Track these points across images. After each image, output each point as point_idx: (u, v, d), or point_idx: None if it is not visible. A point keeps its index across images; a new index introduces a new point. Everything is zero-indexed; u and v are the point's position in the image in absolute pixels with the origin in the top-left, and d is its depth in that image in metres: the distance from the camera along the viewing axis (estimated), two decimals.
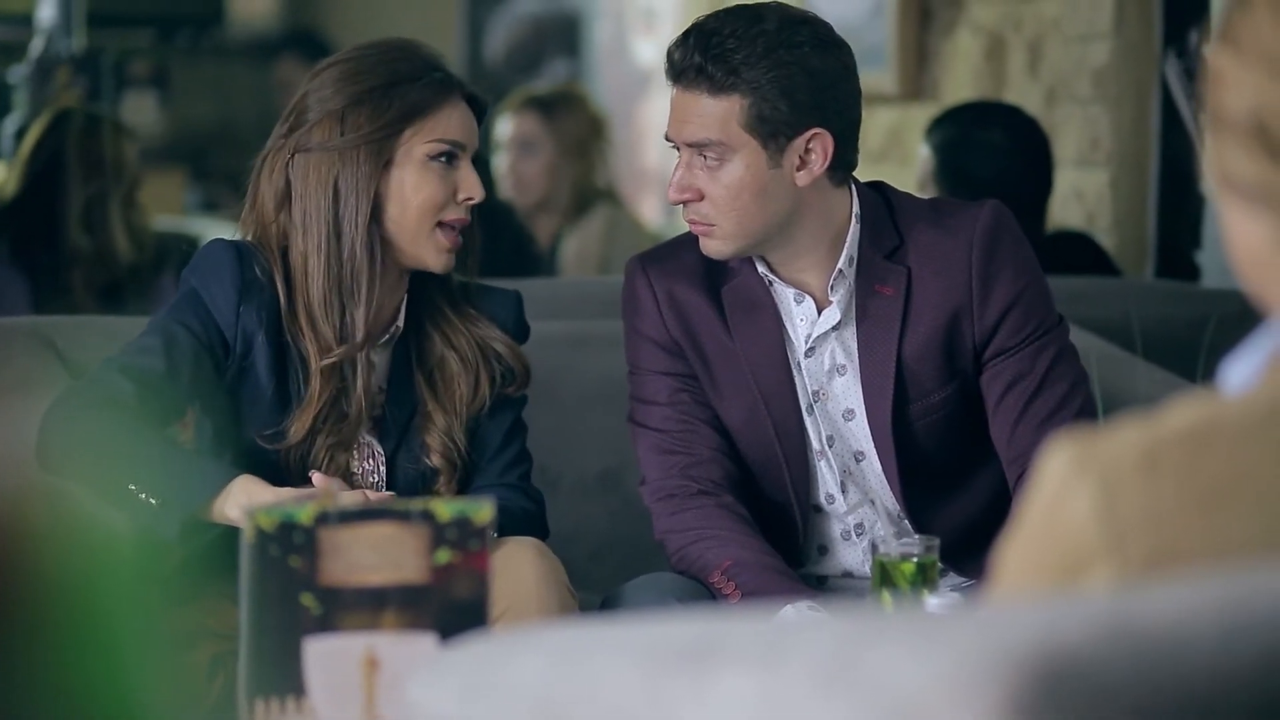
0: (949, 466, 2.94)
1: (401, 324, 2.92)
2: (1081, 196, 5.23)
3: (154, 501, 2.66)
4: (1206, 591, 1.31)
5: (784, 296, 2.92)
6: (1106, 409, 2.94)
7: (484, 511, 2.13)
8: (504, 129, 5.70)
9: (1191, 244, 5.00)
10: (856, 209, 2.90)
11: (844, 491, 2.96)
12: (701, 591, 2.86)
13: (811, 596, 2.77)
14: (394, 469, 2.91)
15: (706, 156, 2.81)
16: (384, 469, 2.91)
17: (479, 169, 2.91)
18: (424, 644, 2.12)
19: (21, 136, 5.41)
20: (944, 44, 5.80)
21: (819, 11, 3.21)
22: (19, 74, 6.65)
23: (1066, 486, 1.38)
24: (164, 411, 2.78)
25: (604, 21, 8.67)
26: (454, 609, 2.12)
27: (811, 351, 2.92)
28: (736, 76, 2.77)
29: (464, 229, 2.89)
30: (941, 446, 2.92)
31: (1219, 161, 1.48)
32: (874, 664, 1.27)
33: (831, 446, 2.94)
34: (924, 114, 5.15)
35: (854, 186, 2.91)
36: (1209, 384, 1.61)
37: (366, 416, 2.88)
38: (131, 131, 5.46)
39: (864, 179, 2.95)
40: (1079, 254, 4.51)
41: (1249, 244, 1.48)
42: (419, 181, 2.84)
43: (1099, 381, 2.97)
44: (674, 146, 2.86)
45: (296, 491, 2.65)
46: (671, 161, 2.88)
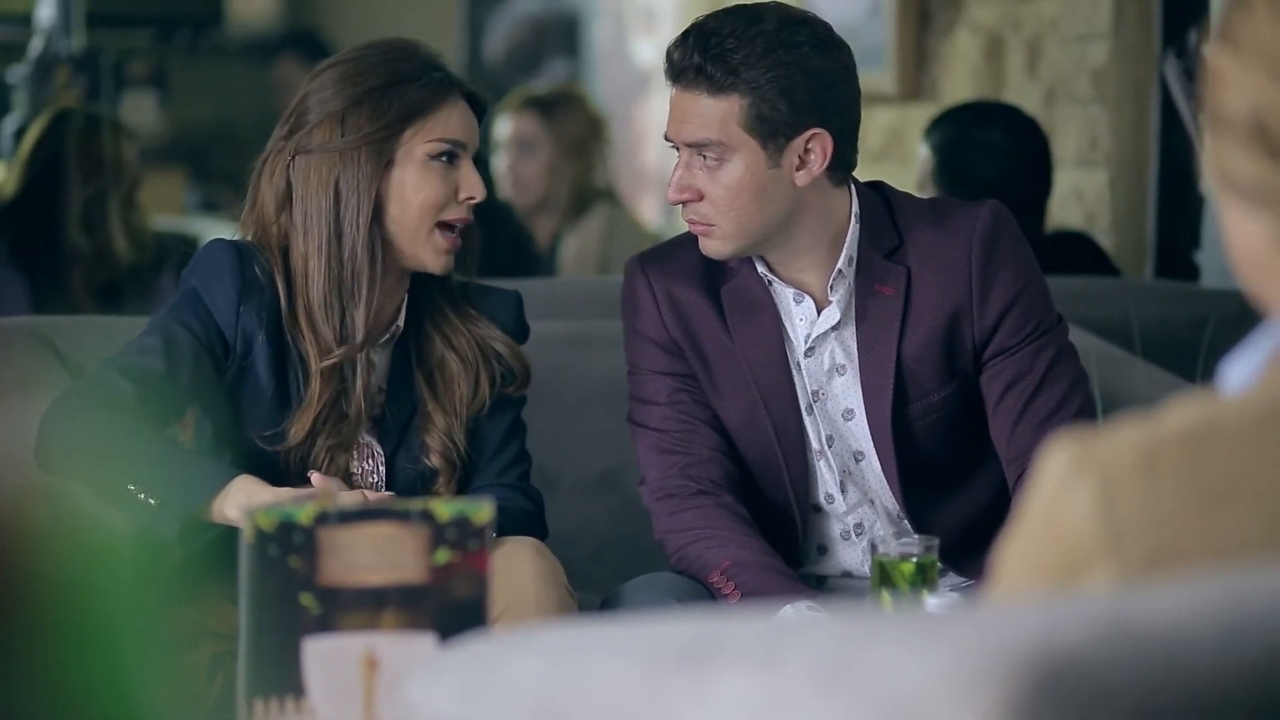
0: (948, 466, 2.94)
1: (402, 324, 2.92)
2: (1081, 196, 5.23)
3: (153, 501, 2.66)
4: (1206, 591, 1.31)
5: (783, 296, 2.92)
6: (1106, 409, 2.94)
7: (483, 511, 2.13)
8: (503, 129, 5.70)
9: (1191, 244, 5.00)
10: (856, 209, 2.90)
11: (843, 491, 2.96)
12: (701, 591, 2.86)
13: (811, 596, 2.77)
14: (393, 469, 2.91)
15: (706, 156, 2.81)
16: (383, 469, 2.90)
17: (478, 169, 2.91)
18: (423, 644, 2.12)
19: (21, 136, 5.41)
20: (943, 44, 5.80)
21: (818, 11, 3.21)
22: (18, 74, 6.65)
23: (1066, 486, 1.38)
24: (163, 412, 2.77)
25: (603, 21, 8.67)
26: (453, 609, 2.12)
27: (811, 351, 2.92)
28: (736, 76, 2.77)
29: (464, 229, 2.89)
30: (941, 446, 2.92)
31: (1218, 161, 1.48)
32: (873, 664, 1.27)
33: (831, 446, 2.94)
34: (923, 114, 5.15)
35: (853, 186, 2.91)
36: (1208, 384, 1.61)
37: (366, 417, 2.88)
38: (131, 131, 5.46)
39: (863, 179, 2.94)
40: (1078, 254, 4.51)
41: (1248, 244, 1.48)
42: (420, 181, 2.84)
43: (1098, 381, 2.97)
44: (673, 146, 2.86)
45: (295, 491, 2.65)
46: (671, 161, 2.88)
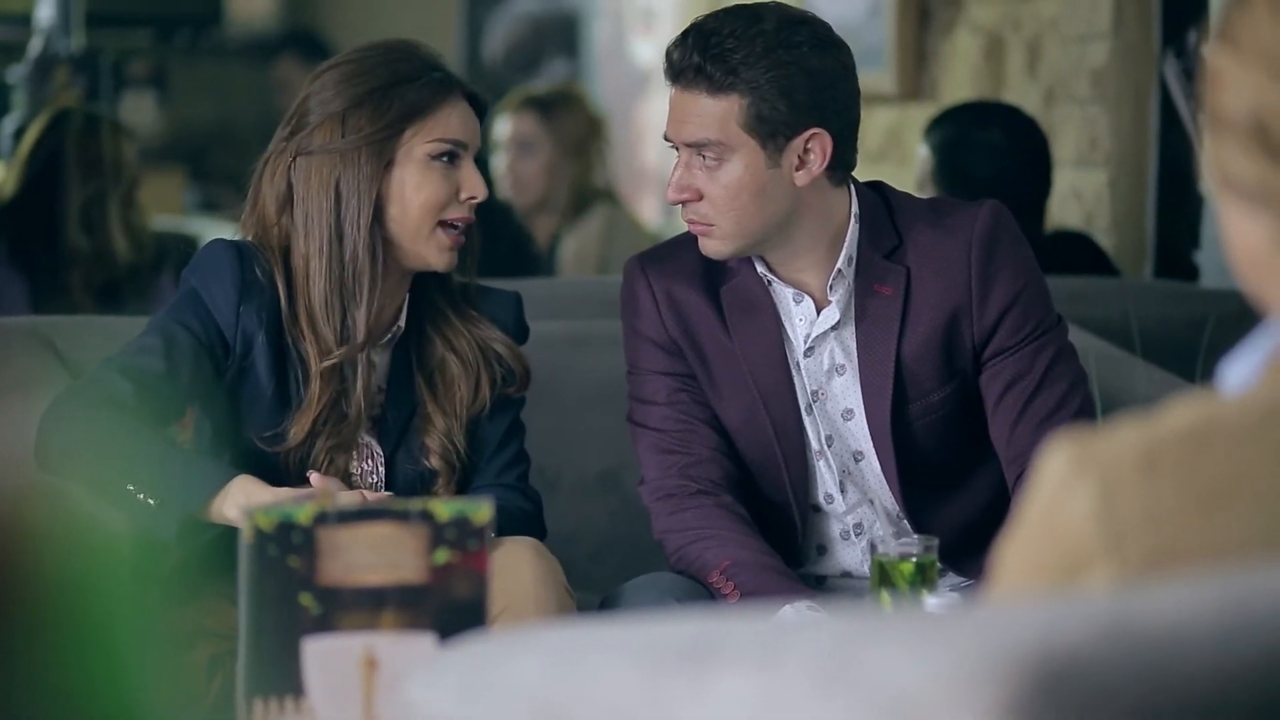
0: (948, 466, 2.94)
1: (403, 324, 2.92)
2: (1080, 196, 5.23)
3: (152, 501, 2.66)
4: (1206, 591, 1.31)
5: (783, 296, 2.92)
6: (1105, 409, 2.94)
7: (483, 511, 2.12)
8: (502, 129, 5.70)
9: (1190, 244, 5.00)
10: (855, 209, 2.90)
11: (843, 491, 2.96)
12: (700, 591, 2.86)
13: (810, 596, 2.77)
14: (393, 470, 2.91)
15: (705, 156, 2.81)
16: (383, 470, 2.90)
17: (478, 169, 2.91)
18: (423, 644, 2.12)
19: (20, 136, 5.41)
20: (943, 44, 5.80)
21: (818, 11, 3.21)
22: (18, 74, 6.65)
23: (1066, 486, 1.38)
24: (163, 412, 2.77)
25: (603, 21, 8.67)
26: (453, 609, 2.12)
27: (810, 351, 2.92)
28: (735, 76, 2.77)
29: (465, 229, 2.89)
30: (940, 446, 2.92)
31: (1218, 161, 1.48)
32: (873, 664, 1.27)
33: (830, 446, 2.94)
34: (922, 114, 5.15)
35: (853, 186, 2.91)
36: (1208, 384, 1.61)
37: (366, 417, 2.88)
38: (130, 131, 5.46)
39: (863, 179, 2.94)
40: (1078, 254, 4.51)
41: (1248, 244, 1.48)
42: (420, 181, 2.84)
43: (1098, 381, 2.97)
44: (673, 146, 2.86)
45: (295, 491, 2.65)
46: (670, 161, 2.88)
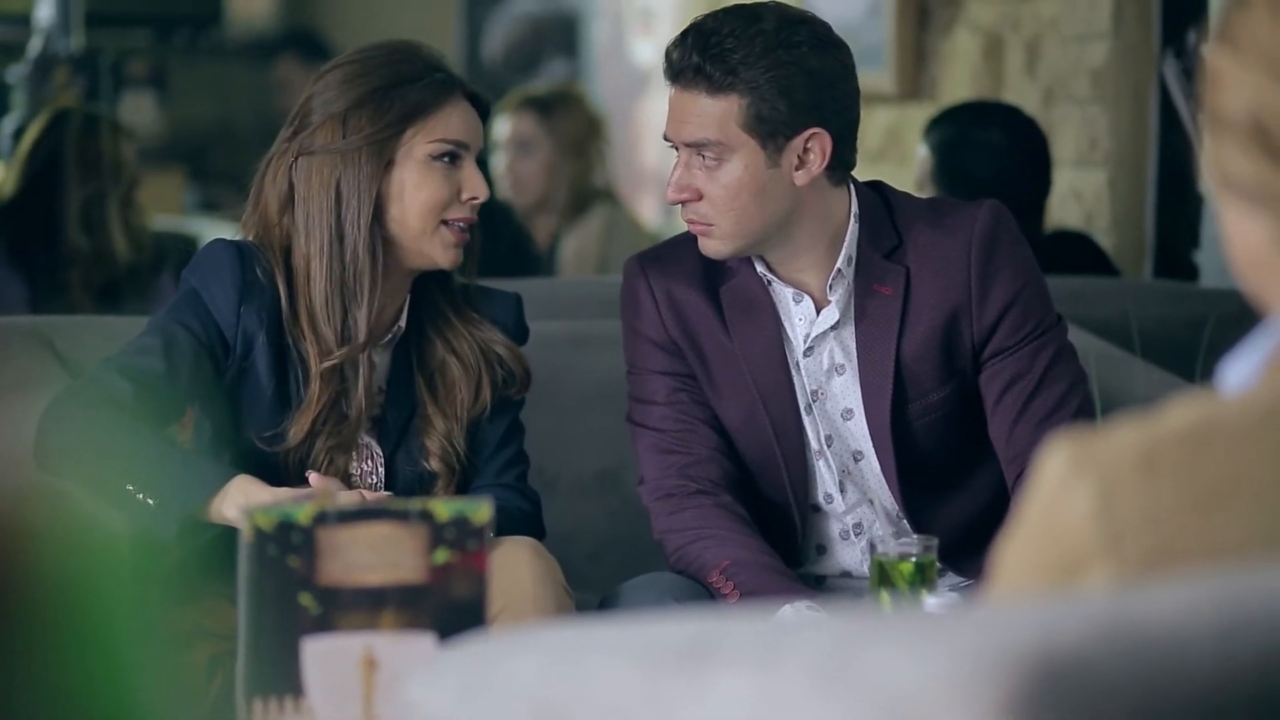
0: (947, 466, 2.94)
1: (404, 325, 2.92)
2: (1080, 196, 5.23)
3: (151, 501, 2.66)
4: (1205, 591, 1.31)
5: (783, 296, 2.92)
6: (1105, 409, 2.94)
7: (482, 511, 2.13)
8: (501, 129, 5.70)
9: (1190, 244, 5.00)
10: (855, 208, 2.90)
11: (842, 491, 2.96)
12: (700, 591, 2.86)
13: (810, 596, 2.77)
14: (393, 470, 2.91)
15: (705, 156, 2.81)
16: (383, 470, 2.90)
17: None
18: (422, 644, 2.12)
19: (20, 136, 5.41)
20: (942, 44, 5.80)
21: (817, 11, 3.21)
22: (17, 74, 6.65)
23: (1065, 486, 1.38)
24: (162, 411, 2.77)
25: (602, 21, 8.67)
26: (452, 609, 2.12)
27: (810, 351, 2.92)
28: (735, 76, 2.77)
29: (468, 227, 2.88)
30: (940, 446, 2.92)
31: (1217, 162, 1.48)
32: (872, 664, 1.27)
33: (830, 446, 2.94)
34: (922, 114, 5.15)
35: (852, 186, 2.91)
36: (1207, 384, 1.61)
37: (366, 418, 2.88)
38: (130, 131, 5.46)
39: (862, 179, 2.94)
40: (1077, 254, 4.51)
41: (1247, 244, 1.48)
42: (421, 181, 2.84)
43: (1097, 381, 2.97)
44: (672, 146, 2.86)
45: (294, 491, 2.65)
46: (670, 161, 2.88)
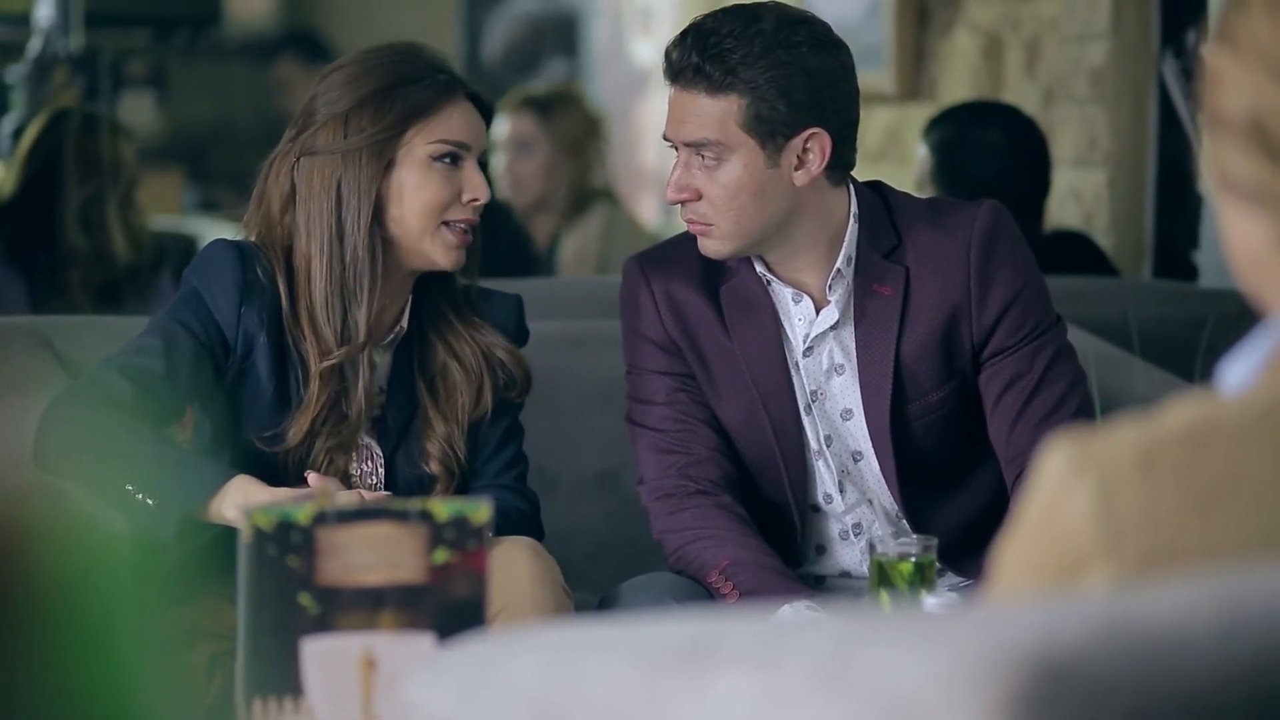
0: (947, 466, 2.94)
1: (405, 325, 2.92)
2: (1079, 196, 5.23)
3: (151, 501, 2.66)
4: (1204, 591, 1.31)
5: (782, 296, 2.92)
6: (1104, 409, 2.94)
7: (481, 511, 2.12)
8: (500, 129, 5.70)
9: (1189, 244, 5.01)
10: (854, 208, 2.90)
11: (842, 491, 2.96)
12: (699, 591, 2.86)
13: (809, 596, 2.77)
14: (393, 471, 2.91)
15: (704, 156, 2.81)
16: (383, 471, 2.90)
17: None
18: (422, 644, 2.12)
19: (19, 136, 5.41)
20: (941, 44, 5.80)
21: (817, 11, 3.21)
22: (16, 73, 6.66)
23: (1064, 486, 1.38)
24: (162, 412, 2.77)
25: (601, 21, 8.68)
26: (452, 609, 2.12)
27: (810, 351, 2.92)
28: (734, 76, 2.77)
29: (470, 228, 2.88)
30: (939, 446, 2.92)
31: (1216, 162, 1.48)
32: (872, 664, 1.27)
33: (829, 446, 2.94)
34: (921, 114, 5.15)
35: (852, 186, 2.91)
36: (1206, 384, 1.61)
37: (366, 418, 2.88)
38: (129, 131, 5.46)
39: (862, 179, 2.94)
40: (1077, 254, 4.51)
41: (1246, 244, 1.48)
42: (421, 182, 2.84)
43: (1097, 381, 2.97)
44: (672, 146, 2.86)
45: (293, 491, 2.65)
46: (669, 161, 2.88)
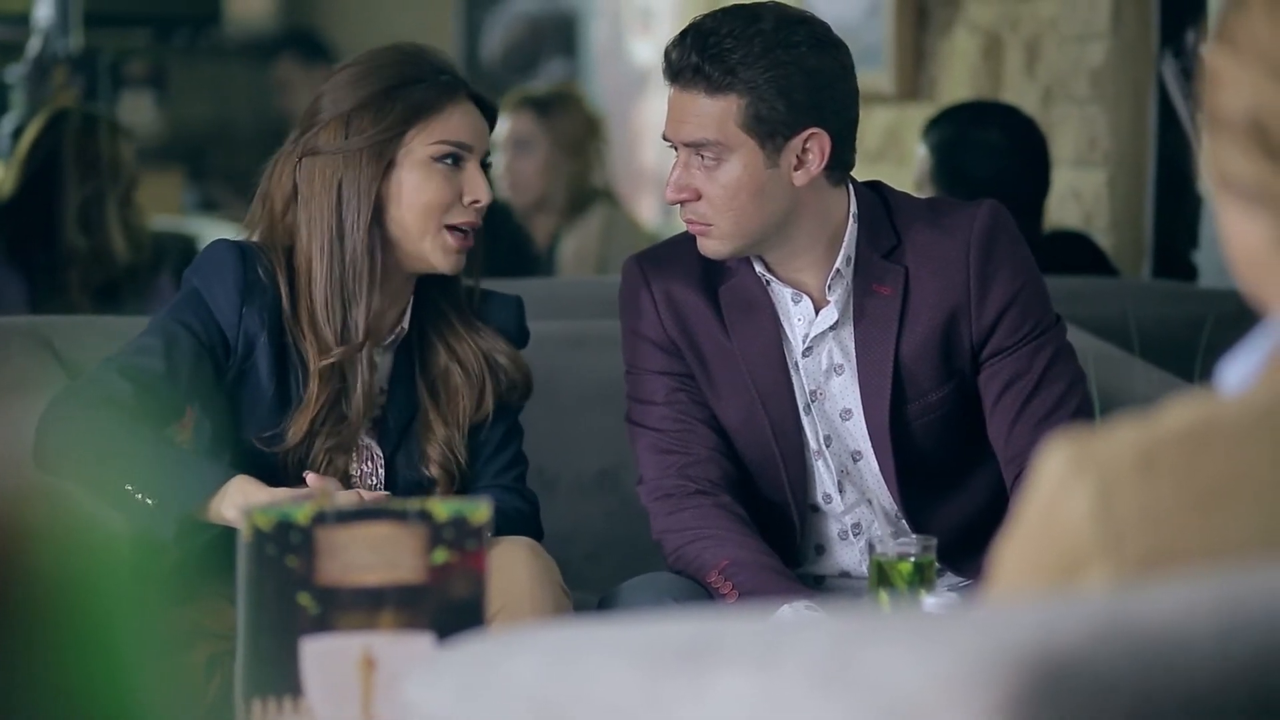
0: (946, 466, 2.94)
1: (406, 326, 2.92)
2: (1079, 196, 5.23)
3: (150, 501, 2.66)
4: (1204, 591, 1.31)
5: (781, 296, 2.92)
6: (1104, 409, 2.94)
7: (481, 511, 2.12)
8: (499, 129, 5.68)
9: (1188, 244, 5.01)
10: (854, 208, 2.90)
11: (841, 491, 2.96)
12: (699, 591, 2.86)
13: (809, 596, 2.77)
14: (393, 472, 2.90)
15: (704, 156, 2.81)
16: (383, 472, 2.90)
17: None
18: (421, 644, 2.12)
19: (18, 136, 5.42)
20: (941, 44, 5.80)
21: (816, 11, 3.21)
22: (16, 73, 6.66)
23: (1064, 486, 1.38)
24: (162, 412, 2.77)
25: (601, 21, 8.67)
26: (451, 609, 2.12)
27: (809, 351, 2.92)
28: (734, 76, 2.77)
29: (471, 232, 2.88)
30: (939, 446, 2.92)
31: (1216, 161, 1.48)
32: (871, 664, 1.27)
33: (829, 446, 2.94)
34: (921, 114, 5.15)
35: (851, 186, 2.91)
36: (1206, 384, 1.61)
37: (366, 419, 2.88)
38: (128, 131, 5.46)
39: (861, 179, 2.94)
40: (1076, 254, 4.51)
41: (1246, 244, 1.48)
42: (421, 182, 2.84)
43: (1096, 381, 2.97)
44: (671, 146, 2.86)
45: (293, 491, 2.65)
46: (669, 161, 2.88)
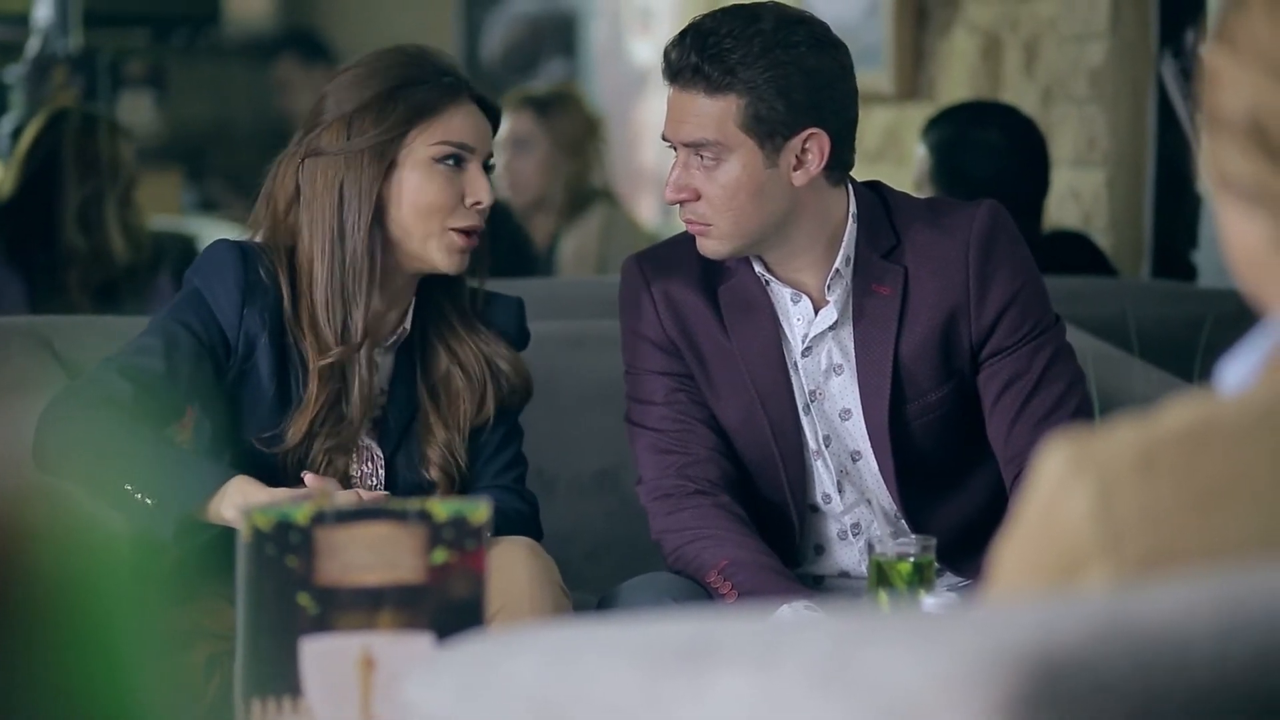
0: (946, 466, 2.94)
1: (408, 327, 2.92)
2: (1078, 196, 5.23)
3: (150, 502, 2.66)
4: (1203, 591, 1.31)
5: (781, 296, 2.92)
6: (1103, 409, 2.94)
7: (480, 511, 2.12)
8: (499, 129, 5.69)
9: (1188, 244, 5.01)
10: (853, 208, 2.90)
11: (840, 491, 2.96)
12: (698, 591, 2.86)
13: (808, 596, 2.77)
14: (393, 473, 2.90)
15: (703, 156, 2.81)
16: (383, 472, 2.90)
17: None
18: (420, 644, 2.12)
19: (18, 136, 5.42)
20: (940, 44, 5.80)
21: (815, 11, 3.21)
22: (15, 73, 6.66)
23: (1063, 486, 1.38)
24: (162, 412, 2.77)
25: (600, 21, 8.68)
26: (450, 609, 2.12)
27: (808, 351, 2.92)
28: (733, 76, 2.77)
29: (474, 232, 2.88)
30: (938, 446, 2.92)
31: (1215, 161, 1.48)
32: (870, 664, 1.27)
33: (828, 446, 2.94)
34: (920, 114, 5.15)
35: (850, 186, 2.91)
36: (1205, 384, 1.61)
37: (366, 419, 2.88)
38: (128, 131, 5.46)
39: (861, 179, 2.94)
40: (1075, 253, 4.51)
41: (1245, 244, 1.48)
42: (422, 183, 2.84)
43: (1096, 381, 2.97)
44: (670, 146, 2.86)
45: (292, 492, 2.65)
46: (668, 161, 2.88)
